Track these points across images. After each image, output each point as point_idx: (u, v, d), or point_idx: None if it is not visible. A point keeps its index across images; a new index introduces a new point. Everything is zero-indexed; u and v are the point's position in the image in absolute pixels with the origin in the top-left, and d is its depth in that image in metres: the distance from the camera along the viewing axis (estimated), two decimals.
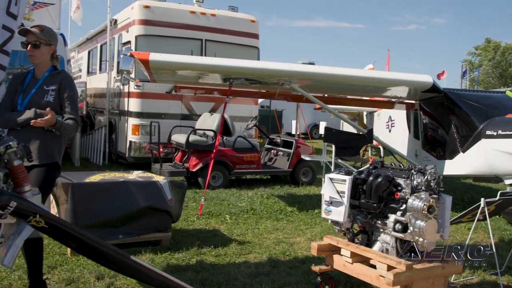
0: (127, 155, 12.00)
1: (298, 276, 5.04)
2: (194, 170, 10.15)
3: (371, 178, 4.38)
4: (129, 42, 11.88)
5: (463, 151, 7.94)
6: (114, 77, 13.22)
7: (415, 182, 4.28)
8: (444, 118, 8.42)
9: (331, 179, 4.55)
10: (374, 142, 9.06)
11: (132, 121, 11.79)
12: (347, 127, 13.49)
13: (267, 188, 10.47)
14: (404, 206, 4.22)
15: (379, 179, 4.32)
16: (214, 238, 6.38)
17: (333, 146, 8.62)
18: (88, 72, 16.59)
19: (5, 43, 4.34)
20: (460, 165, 8.06)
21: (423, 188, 4.22)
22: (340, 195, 4.45)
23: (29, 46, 4.04)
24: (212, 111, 11.66)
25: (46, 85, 4.10)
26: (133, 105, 11.79)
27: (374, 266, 4.22)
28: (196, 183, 10.18)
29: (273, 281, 4.91)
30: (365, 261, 4.42)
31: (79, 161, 12.70)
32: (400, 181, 4.34)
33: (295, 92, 8.45)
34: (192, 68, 7.45)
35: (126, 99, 12.08)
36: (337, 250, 4.64)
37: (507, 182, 7.59)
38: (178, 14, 12.04)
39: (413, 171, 4.35)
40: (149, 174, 6.67)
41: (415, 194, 4.17)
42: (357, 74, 7.91)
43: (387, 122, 11.22)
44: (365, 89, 8.73)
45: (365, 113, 13.42)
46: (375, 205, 4.31)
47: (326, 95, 10.45)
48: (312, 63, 23.15)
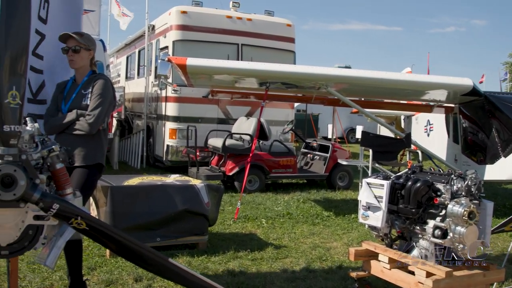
0: (164, 159, 12.13)
1: (335, 282, 5.00)
2: (231, 174, 10.20)
3: (410, 183, 4.31)
4: (167, 47, 12.03)
5: (505, 156, 7.73)
6: (152, 82, 13.40)
7: (455, 187, 4.19)
8: (485, 122, 8.22)
9: (369, 184, 4.50)
10: (412, 147, 8.92)
11: (170, 125, 11.92)
12: (385, 131, 13.31)
13: (303, 193, 10.42)
14: (444, 212, 4.14)
15: (418, 184, 4.25)
16: (251, 242, 6.39)
17: (370, 151, 8.52)
18: (127, 77, 16.86)
19: (37, 47, 4.44)
20: (502, 170, 7.86)
21: (464, 194, 4.13)
22: (378, 200, 4.40)
23: (70, 51, 4.13)
24: (248, 115, 11.69)
25: (84, 89, 4.18)
26: (171, 110, 11.92)
27: (413, 273, 4.16)
28: (233, 187, 10.22)
29: (310, 286, 4.88)
30: (404, 267, 4.35)
31: (118, 165, 12.92)
32: (440, 186, 4.26)
33: (332, 96, 8.38)
34: (229, 73, 7.47)
35: (164, 104, 12.22)
36: (375, 256, 4.58)
37: None
38: (215, 19, 12.13)
39: (453, 176, 4.26)
40: (186, 178, 6.72)
41: (455, 200, 4.09)
42: (395, 78, 7.79)
43: (426, 126, 11.03)
44: (403, 93, 8.60)
45: (403, 117, 13.23)
46: (414, 211, 4.25)
47: (363, 99, 10.34)
48: (349, 67, 23.00)
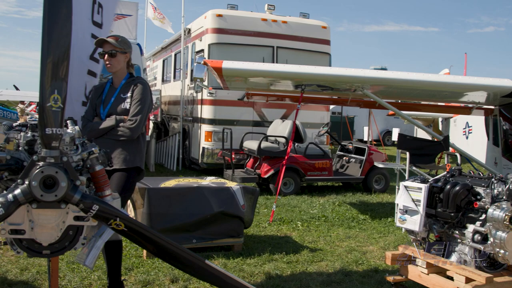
0: (200, 161, 12.22)
1: (371, 286, 4.95)
2: (266, 177, 10.21)
3: (449, 187, 4.25)
4: (202, 51, 12.12)
5: None
6: (188, 85, 13.52)
7: (496, 191, 4.11)
8: None
9: (406, 187, 4.45)
10: (451, 149, 8.77)
11: (205, 128, 12.00)
12: (422, 134, 13.14)
13: (339, 195, 10.36)
14: (484, 216, 4.06)
15: (457, 188, 4.18)
16: (286, 245, 6.37)
17: (407, 153, 8.40)
18: (163, 80, 17.05)
19: (95, 51, 4.54)
20: None
21: (505, 198, 4.05)
22: (416, 204, 4.34)
23: (106, 56, 4.19)
24: (284, 118, 11.68)
25: (123, 93, 4.23)
26: (206, 112, 12.00)
27: (451, 278, 4.09)
28: (268, 190, 10.23)
29: None
30: (442, 272, 4.28)
31: (154, 167, 13.09)
32: (480, 190, 4.18)
33: (368, 98, 8.32)
34: (264, 75, 7.48)
35: (199, 106, 12.32)
36: (412, 260, 4.52)
37: None
38: (250, 22, 12.17)
39: (494, 180, 4.18)
40: (222, 180, 6.75)
41: (496, 204, 4.00)
42: (433, 79, 7.66)
43: (464, 129, 10.84)
44: (441, 95, 8.45)
45: (441, 119, 13.03)
46: (453, 215, 4.18)
47: (399, 101, 10.22)
48: (385, 69, 22.76)
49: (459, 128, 11.07)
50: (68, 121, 2.52)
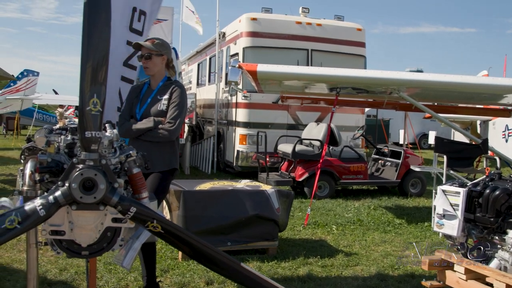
0: (235, 164, 12.26)
1: None
2: (300, 180, 10.17)
3: (488, 191, 4.15)
4: (237, 54, 12.18)
5: None
6: (223, 88, 13.60)
7: None
8: None
9: (444, 191, 4.37)
10: (489, 153, 8.58)
11: (240, 131, 12.04)
12: (459, 137, 12.89)
13: (374, 199, 10.24)
14: None
15: (497, 192, 4.09)
16: (321, 249, 6.34)
17: (445, 157, 8.26)
18: (198, 84, 17.19)
19: (130, 58, 4.61)
20: None
21: None
22: (454, 208, 4.26)
23: (143, 59, 4.26)
24: (318, 121, 11.62)
25: (160, 95, 4.29)
26: (241, 115, 12.04)
27: (491, 285, 3.99)
28: (302, 193, 10.19)
29: None
30: (481, 279, 4.18)
31: (189, 170, 13.20)
32: None
33: (404, 101, 8.20)
34: (299, 78, 7.46)
35: (234, 110, 12.37)
36: (450, 266, 4.43)
37: None
38: (284, 25, 12.17)
39: None
40: (257, 183, 6.76)
41: None
42: (472, 82, 7.51)
43: (504, 132, 10.59)
44: (480, 97, 8.28)
45: (479, 122, 12.74)
46: (492, 220, 4.08)
47: (436, 104, 10.05)
48: (421, 71, 22.43)
49: (498, 131, 10.82)
50: (107, 125, 2.57)
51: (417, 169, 10.26)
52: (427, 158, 16.86)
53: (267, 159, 10.66)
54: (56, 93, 32.46)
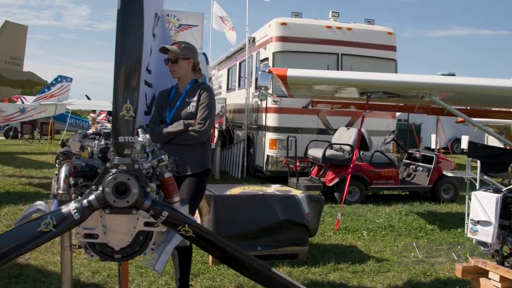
0: (264, 169, 12.26)
1: None
2: (331, 185, 10.12)
3: None
4: (267, 59, 12.20)
5: None
6: (252, 93, 13.63)
7: None
8: None
9: (478, 197, 4.29)
10: None
11: (270, 136, 12.05)
12: (493, 141, 12.64)
13: (406, 205, 10.11)
14: None
15: None
16: (351, 254, 6.29)
17: (478, 162, 8.11)
18: (228, 89, 17.27)
19: (150, 63, 4.66)
20: None
21: None
22: (488, 214, 4.18)
23: (169, 62, 4.31)
24: (349, 125, 11.54)
25: (188, 98, 4.32)
26: (271, 120, 12.05)
27: None
28: (332, 198, 10.13)
29: None
30: None
31: (219, 174, 13.26)
32: None
33: (436, 105, 8.10)
34: (329, 83, 7.43)
35: (264, 114, 12.39)
36: (484, 273, 4.35)
37: None
38: (314, 30, 12.15)
39: None
40: (287, 188, 6.75)
41: None
42: (505, 85, 7.36)
43: None
44: None
45: None
46: None
47: (469, 108, 9.89)
48: (453, 74, 22.11)
49: None
50: (139, 130, 2.60)
51: (450, 174, 10.09)
52: (460, 163, 16.58)
53: (297, 164, 10.63)
54: (89, 99, 33.07)
